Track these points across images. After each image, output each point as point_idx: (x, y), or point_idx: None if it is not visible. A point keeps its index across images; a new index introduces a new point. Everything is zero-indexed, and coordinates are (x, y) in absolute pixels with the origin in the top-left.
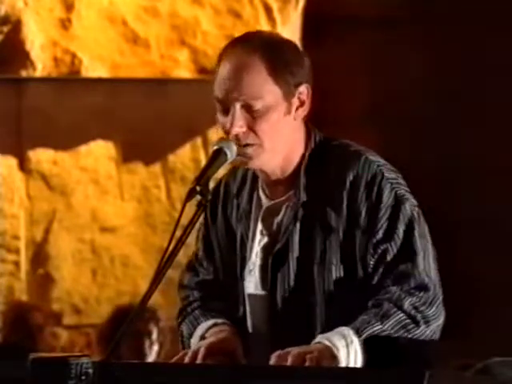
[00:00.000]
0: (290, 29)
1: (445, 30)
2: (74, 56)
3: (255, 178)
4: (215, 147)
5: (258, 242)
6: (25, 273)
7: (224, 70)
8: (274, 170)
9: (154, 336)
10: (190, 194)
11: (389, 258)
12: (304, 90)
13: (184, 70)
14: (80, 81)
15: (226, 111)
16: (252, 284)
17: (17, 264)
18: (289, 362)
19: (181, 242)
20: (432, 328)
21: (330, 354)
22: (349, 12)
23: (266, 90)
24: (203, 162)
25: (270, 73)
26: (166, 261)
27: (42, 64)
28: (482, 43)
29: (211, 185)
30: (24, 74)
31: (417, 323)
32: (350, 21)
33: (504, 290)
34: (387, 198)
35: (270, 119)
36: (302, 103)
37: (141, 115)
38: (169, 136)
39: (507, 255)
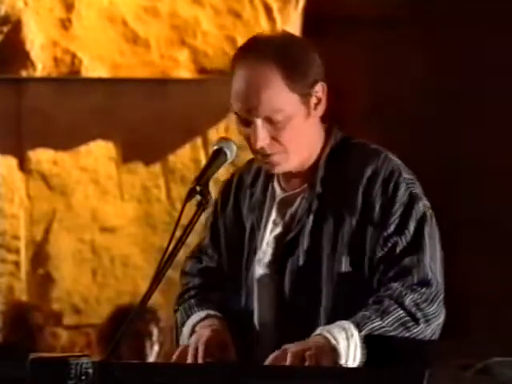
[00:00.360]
0: (290, 29)
1: (445, 29)
2: (74, 56)
3: None
4: (215, 147)
5: (270, 231)
6: (25, 273)
7: (240, 84)
8: (295, 166)
9: (155, 337)
10: (190, 194)
11: (398, 250)
12: (319, 87)
13: (184, 70)
14: (80, 81)
15: (246, 123)
16: (261, 273)
17: (17, 264)
18: (288, 362)
19: (181, 241)
20: (432, 327)
21: (330, 347)
22: (349, 12)
23: (284, 101)
24: (203, 162)
25: (287, 83)
26: (166, 261)
27: (42, 64)
28: (482, 43)
29: (211, 185)
30: (24, 74)
31: (416, 321)
32: (349, 21)
33: (504, 290)
34: (402, 195)
35: (291, 127)
36: (319, 100)
37: (141, 115)
38: (169, 136)
39: (507, 255)
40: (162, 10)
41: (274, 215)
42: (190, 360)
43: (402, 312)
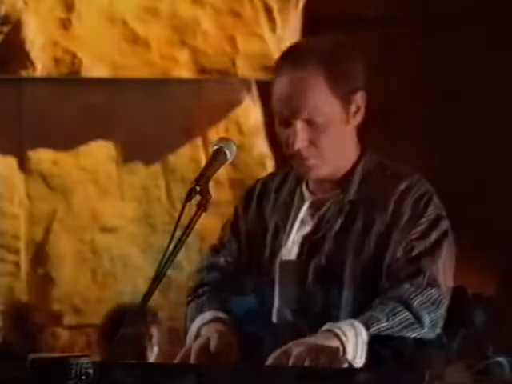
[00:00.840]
0: (290, 29)
1: (445, 29)
2: (74, 56)
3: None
4: (215, 147)
5: (297, 230)
6: (25, 273)
7: (283, 85)
8: (328, 173)
9: (155, 339)
10: (190, 194)
11: (414, 253)
12: (359, 96)
13: (184, 70)
14: (80, 81)
15: (287, 124)
16: (285, 271)
17: (17, 264)
18: (290, 363)
19: (181, 241)
20: (437, 331)
21: (337, 343)
22: (349, 12)
23: (326, 105)
24: (203, 162)
25: (330, 89)
26: (166, 261)
27: (41, 64)
28: (482, 43)
29: (211, 185)
30: (24, 74)
31: (422, 324)
32: (349, 21)
33: (504, 290)
34: (430, 214)
35: (330, 132)
36: (358, 109)
37: (141, 115)
38: (169, 136)
39: (507, 254)
40: (162, 10)
41: (302, 215)
42: (192, 359)
43: (408, 314)
